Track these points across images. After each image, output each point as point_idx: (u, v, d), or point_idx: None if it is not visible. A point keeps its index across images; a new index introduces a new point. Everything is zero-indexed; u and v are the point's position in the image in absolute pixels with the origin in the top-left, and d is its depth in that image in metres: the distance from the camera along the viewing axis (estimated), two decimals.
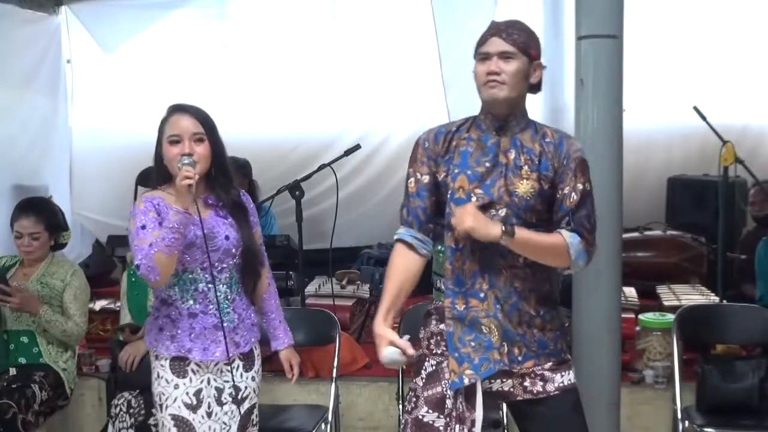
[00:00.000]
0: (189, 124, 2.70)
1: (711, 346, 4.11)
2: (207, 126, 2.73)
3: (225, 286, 2.76)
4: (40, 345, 3.84)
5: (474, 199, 2.43)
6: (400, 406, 3.71)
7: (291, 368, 2.98)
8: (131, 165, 6.44)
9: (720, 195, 4.64)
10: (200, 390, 2.75)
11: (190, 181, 2.57)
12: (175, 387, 2.73)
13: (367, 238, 6.60)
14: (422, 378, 2.53)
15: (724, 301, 4.44)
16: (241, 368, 2.82)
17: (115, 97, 6.73)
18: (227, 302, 2.76)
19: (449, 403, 2.46)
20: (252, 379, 2.85)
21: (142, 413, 3.57)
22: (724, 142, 4.45)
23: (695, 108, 4.56)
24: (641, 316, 4.39)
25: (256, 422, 2.89)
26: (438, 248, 2.54)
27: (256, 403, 2.87)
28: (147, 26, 6.54)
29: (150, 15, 6.51)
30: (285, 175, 5.24)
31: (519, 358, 2.46)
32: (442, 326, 2.51)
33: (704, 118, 4.54)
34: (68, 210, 5.78)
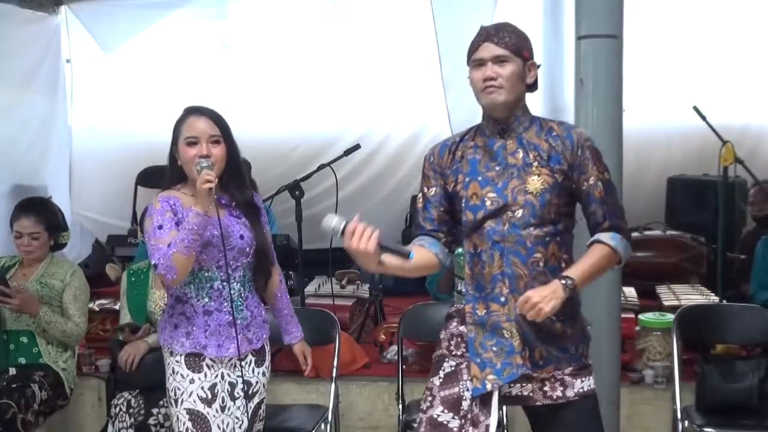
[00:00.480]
0: (206, 126, 2.74)
1: (711, 346, 4.11)
2: (222, 128, 2.77)
3: (239, 284, 2.82)
4: (40, 345, 3.84)
5: (488, 203, 2.43)
6: (400, 406, 3.71)
7: (305, 360, 3.08)
8: (131, 165, 6.49)
9: (720, 195, 4.63)
10: (215, 384, 2.79)
11: (211, 185, 2.60)
12: (191, 382, 2.77)
13: None
14: (440, 378, 2.52)
15: (724, 301, 4.44)
16: (253, 364, 2.87)
17: (115, 97, 6.73)
18: (241, 300, 2.82)
19: (465, 406, 2.45)
20: (263, 375, 2.91)
21: (142, 413, 3.57)
22: (724, 142, 4.45)
23: (695, 108, 4.56)
24: (641, 316, 4.39)
25: (263, 417, 2.95)
26: (458, 251, 2.55)
27: (264, 399, 2.93)
28: (147, 26, 6.54)
29: (150, 15, 6.51)
30: (285, 175, 5.25)
31: (540, 363, 2.45)
32: (463, 328, 2.51)
33: (704, 118, 4.54)
34: (67, 210, 5.78)
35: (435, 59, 6.05)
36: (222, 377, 2.81)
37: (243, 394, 2.83)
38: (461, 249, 2.53)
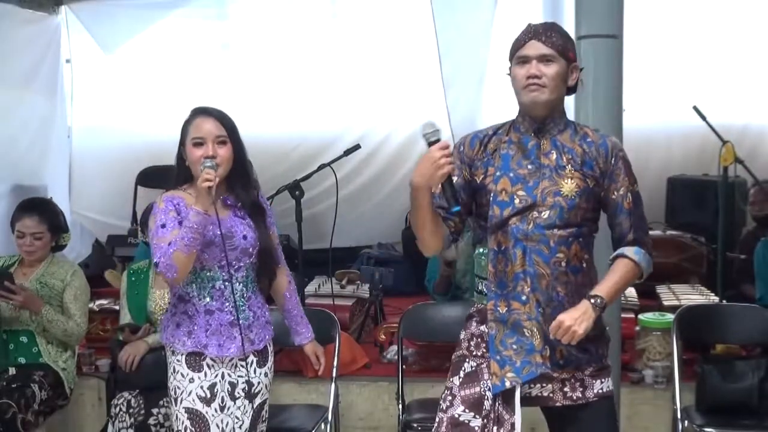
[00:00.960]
0: (212, 127, 2.76)
1: (711, 346, 4.11)
2: (229, 128, 2.80)
3: (241, 285, 2.83)
4: (40, 345, 3.84)
5: (517, 201, 2.43)
6: (400, 406, 3.71)
7: (318, 360, 3.07)
8: (131, 165, 6.50)
9: (720, 195, 4.64)
10: (214, 384, 2.80)
11: (210, 184, 2.62)
12: (190, 381, 2.79)
13: (367, 238, 6.61)
14: (459, 377, 2.52)
15: (724, 301, 4.44)
16: (255, 364, 2.87)
17: (115, 97, 6.73)
18: (243, 300, 2.83)
19: (487, 405, 2.45)
20: (265, 375, 2.91)
21: (142, 413, 3.57)
22: (724, 142, 4.45)
23: (695, 108, 4.56)
24: (641, 316, 4.39)
25: (266, 418, 2.95)
26: (479, 251, 2.54)
27: (267, 399, 2.94)
28: (147, 26, 6.54)
29: (150, 15, 6.51)
30: (285, 175, 5.24)
31: (560, 362, 2.45)
32: (483, 328, 2.50)
33: (704, 118, 4.54)
34: (67, 210, 5.78)
35: (435, 59, 6.05)
36: (222, 377, 2.82)
37: (244, 394, 2.83)
38: (482, 249, 2.52)
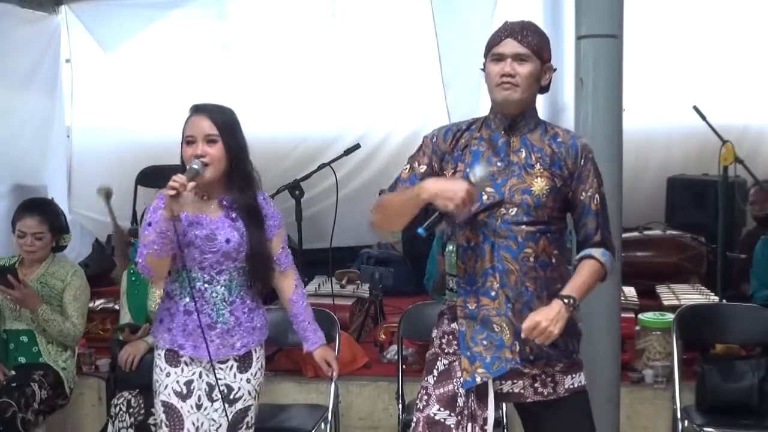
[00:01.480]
0: (204, 126, 2.72)
1: (711, 346, 4.11)
2: (223, 127, 2.73)
3: (223, 288, 2.78)
4: (40, 344, 3.84)
5: (485, 197, 2.43)
6: (400, 406, 3.71)
7: (329, 365, 2.99)
8: (131, 164, 6.50)
9: (720, 195, 4.63)
10: (191, 381, 2.78)
11: (173, 192, 2.54)
12: (167, 375, 2.78)
13: (367, 238, 6.59)
14: (434, 376, 2.53)
15: (724, 301, 4.44)
16: (235, 368, 2.82)
17: (115, 97, 6.74)
18: (224, 304, 2.78)
19: (461, 402, 2.46)
20: (247, 381, 2.83)
21: (142, 413, 3.57)
22: (724, 142, 4.45)
23: (695, 108, 4.56)
24: (641, 316, 4.39)
25: (252, 425, 2.87)
26: (450, 248, 2.55)
27: (252, 406, 2.85)
28: (147, 26, 6.54)
29: (150, 14, 6.51)
30: (285, 175, 5.24)
31: (530, 358, 2.45)
32: (454, 325, 2.51)
33: (704, 118, 4.53)
34: (66, 210, 5.78)
35: (435, 59, 6.06)
36: (200, 375, 2.79)
37: (222, 397, 2.77)
38: (452, 246, 2.53)
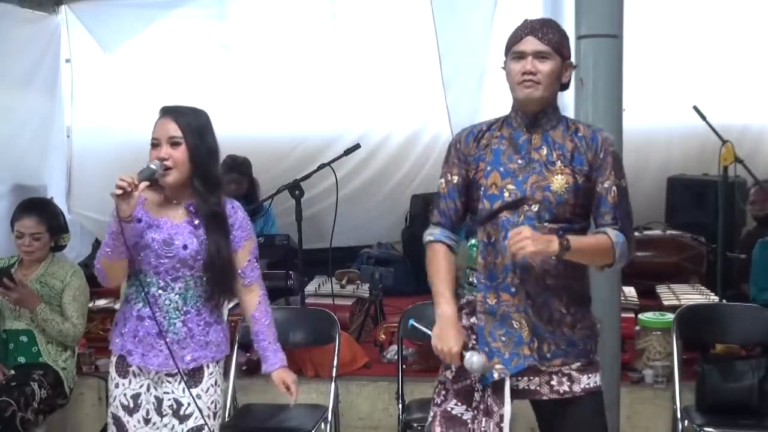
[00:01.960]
0: (169, 128, 2.63)
1: (711, 346, 4.11)
2: (188, 130, 2.63)
3: (177, 296, 2.67)
4: (40, 344, 3.84)
5: (506, 195, 2.44)
6: (400, 406, 3.71)
7: (288, 389, 2.82)
8: (131, 164, 6.38)
9: (720, 195, 4.63)
10: (138, 394, 2.70)
11: (119, 192, 2.46)
12: (116, 386, 2.72)
13: (367, 238, 6.61)
14: (452, 371, 2.53)
15: (724, 301, 4.44)
16: (184, 383, 2.69)
17: (115, 97, 6.73)
18: (177, 313, 2.67)
19: (477, 397, 2.47)
20: (197, 397, 2.69)
21: None
22: (724, 142, 4.44)
23: (695, 108, 4.56)
24: (641, 316, 4.39)
25: None
26: (471, 242, 2.55)
27: (205, 425, 2.70)
28: (147, 26, 6.53)
29: (150, 14, 6.51)
30: (285, 175, 5.25)
31: (548, 355, 2.45)
32: (473, 320, 2.51)
33: (704, 118, 4.53)
34: (65, 210, 5.78)
35: (435, 59, 6.05)
36: (147, 389, 2.70)
37: (172, 412, 2.68)
38: (474, 240, 2.53)
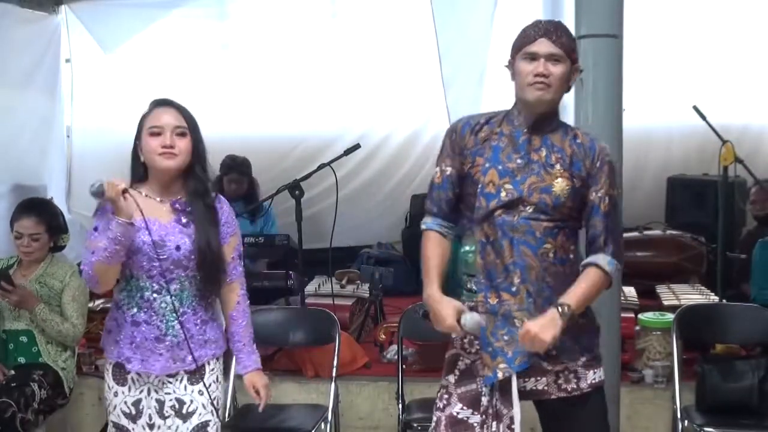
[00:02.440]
0: (172, 118, 2.60)
1: (711, 346, 4.10)
2: (190, 122, 2.63)
3: (174, 298, 2.59)
4: (39, 344, 3.84)
5: (503, 194, 2.44)
6: (400, 406, 3.71)
7: (257, 394, 2.74)
8: (130, 164, 6.49)
9: (720, 194, 4.63)
10: (139, 400, 2.65)
11: (123, 187, 2.44)
12: (115, 394, 2.66)
13: (367, 238, 6.61)
14: (455, 375, 2.53)
15: (724, 301, 4.44)
16: (185, 381, 2.65)
17: (115, 97, 6.73)
18: (174, 315, 2.60)
19: (485, 401, 2.46)
20: (200, 393, 2.65)
21: None
22: (724, 142, 4.44)
23: (695, 107, 4.56)
24: (641, 316, 4.39)
25: None
26: (465, 249, 2.53)
27: (210, 421, 2.66)
28: (147, 25, 6.54)
29: (150, 14, 6.51)
30: (285, 175, 5.25)
31: (553, 353, 2.45)
32: None
33: (704, 118, 4.53)
34: (65, 210, 5.77)
35: (435, 59, 6.06)
36: (148, 393, 2.65)
37: (174, 413, 2.64)
38: (468, 246, 2.52)
